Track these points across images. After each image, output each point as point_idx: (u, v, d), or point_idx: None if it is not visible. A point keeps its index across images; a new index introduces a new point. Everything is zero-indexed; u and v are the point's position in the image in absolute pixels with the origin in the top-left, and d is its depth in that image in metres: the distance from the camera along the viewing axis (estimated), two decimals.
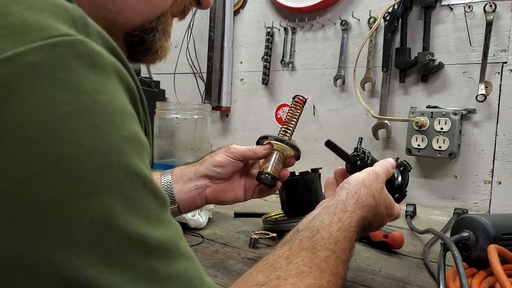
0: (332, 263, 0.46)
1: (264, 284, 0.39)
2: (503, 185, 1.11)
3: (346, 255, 0.49)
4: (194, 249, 0.73)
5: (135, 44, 0.44)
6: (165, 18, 0.46)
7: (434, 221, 1.01)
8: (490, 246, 0.57)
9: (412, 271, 0.67)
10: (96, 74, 0.28)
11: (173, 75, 1.73)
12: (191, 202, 0.71)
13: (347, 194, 0.56)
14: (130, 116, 0.30)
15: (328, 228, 0.51)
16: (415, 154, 1.17)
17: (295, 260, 0.44)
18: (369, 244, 0.78)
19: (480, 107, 1.13)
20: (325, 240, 0.49)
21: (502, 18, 1.09)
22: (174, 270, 0.29)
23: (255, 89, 1.54)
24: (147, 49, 0.46)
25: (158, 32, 0.45)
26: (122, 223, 0.27)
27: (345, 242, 0.50)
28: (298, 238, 0.49)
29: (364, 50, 1.26)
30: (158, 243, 0.29)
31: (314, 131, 1.40)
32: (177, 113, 1.22)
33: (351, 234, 0.52)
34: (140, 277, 0.27)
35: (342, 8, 1.34)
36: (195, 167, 0.71)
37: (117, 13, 0.41)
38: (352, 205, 0.55)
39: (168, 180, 0.70)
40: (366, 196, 0.57)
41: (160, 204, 0.30)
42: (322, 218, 0.52)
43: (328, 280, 0.44)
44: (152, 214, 0.29)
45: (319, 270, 0.44)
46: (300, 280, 0.41)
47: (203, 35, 1.65)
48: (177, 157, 1.22)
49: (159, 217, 0.30)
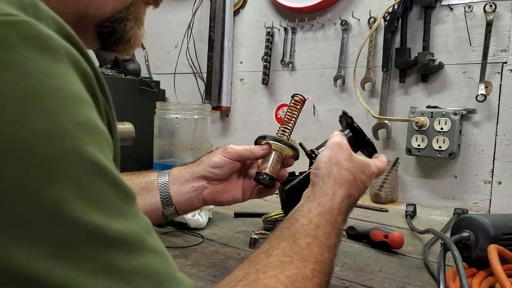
0: (315, 249, 0.44)
1: (242, 279, 0.38)
2: (503, 185, 1.11)
3: (331, 239, 0.47)
4: (193, 249, 0.74)
5: (107, 34, 0.44)
6: (136, 7, 0.45)
7: (434, 221, 1.01)
8: (490, 246, 0.57)
9: (412, 271, 0.67)
10: (46, 57, 0.26)
11: (173, 75, 1.73)
12: (188, 203, 0.70)
13: (322, 179, 0.55)
14: (86, 103, 0.28)
15: (307, 215, 0.49)
16: (415, 154, 1.17)
17: (275, 252, 0.43)
18: (369, 244, 0.78)
19: (480, 107, 1.13)
20: (305, 227, 0.47)
21: (502, 18, 1.09)
22: (139, 264, 0.28)
23: (255, 89, 1.54)
24: (119, 39, 0.45)
25: (129, 21, 0.45)
26: (76, 214, 0.25)
27: (328, 226, 0.48)
28: (278, 231, 0.48)
29: (364, 50, 1.26)
30: (119, 236, 0.27)
31: (314, 131, 1.40)
32: (177, 113, 1.22)
33: (334, 217, 0.50)
34: (98, 271, 0.26)
35: (342, 8, 1.34)
36: (192, 168, 0.71)
37: (86, 5, 0.40)
38: (331, 187, 0.54)
39: (165, 181, 0.70)
40: (341, 173, 0.55)
41: (123, 197, 0.29)
42: (302, 207, 0.51)
43: (312, 269, 0.42)
44: (113, 206, 0.28)
45: (301, 259, 0.42)
46: (280, 271, 0.40)
47: (203, 35, 1.65)
48: (177, 157, 1.22)
49: (122, 210, 0.28)
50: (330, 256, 0.46)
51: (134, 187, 0.70)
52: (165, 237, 0.79)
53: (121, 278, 0.27)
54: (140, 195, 0.69)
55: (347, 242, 0.80)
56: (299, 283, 0.40)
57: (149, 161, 1.28)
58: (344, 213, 0.52)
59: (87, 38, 0.43)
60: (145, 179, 0.71)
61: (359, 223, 0.90)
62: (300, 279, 0.40)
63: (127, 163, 1.61)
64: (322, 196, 0.52)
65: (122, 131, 1.15)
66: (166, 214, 0.70)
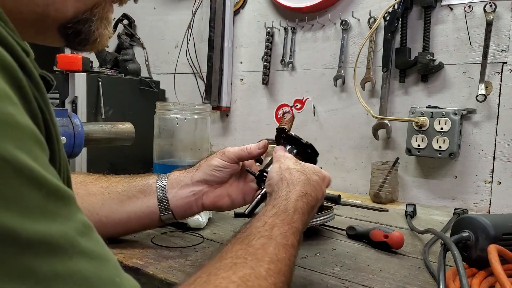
0: (270, 249, 0.44)
1: (193, 282, 0.38)
2: (503, 185, 1.11)
3: (288, 238, 0.47)
4: (193, 249, 0.74)
5: (71, 35, 0.42)
6: (100, 8, 0.44)
7: (434, 221, 1.01)
8: (490, 246, 0.57)
9: (412, 271, 0.67)
10: None
11: (173, 75, 1.73)
12: (186, 208, 0.70)
13: (276, 185, 0.56)
14: (3, 96, 0.26)
15: (262, 217, 0.49)
16: (415, 154, 1.17)
17: (228, 255, 0.43)
18: (369, 244, 0.78)
19: (480, 107, 1.12)
20: (260, 229, 0.47)
21: (502, 18, 1.09)
22: (63, 269, 0.26)
23: (255, 89, 1.54)
24: (85, 40, 0.44)
25: (93, 22, 0.43)
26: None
27: (284, 226, 0.48)
28: (233, 237, 0.47)
29: (364, 50, 1.26)
30: (37, 238, 0.25)
31: (314, 131, 1.40)
32: (177, 113, 1.22)
33: (289, 217, 0.50)
34: (10, 276, 0.24)
35: (342, 8, 1.34)
36: (192, 172, 0.70)
37: (45, 6, 0.39)
38: (284, 189, 0.54)
39: (163, 185, 0.70)
40: (292, 174, 0.56)
41: (49, 196, 0.27)
42: (258, 215, 0.51)
43: (267, 268, 0.41)
44: (31, 206, 0.25)
45: (255, 259, 0.42)
46: (233, 272, 0.39)
47: (203, 35, 1.65)
48: (177, 157, 1.22)
49: (45, 210, 0.26)
50: (288, 255, 0.45)
51: (132, 190, 0.70)
52: (165, 237, 0.79)
53: (37, 283, 0.24)
54: (138, 198, 0.69)
55: (347, 242, 0.80)
56: (252, 282, 0.39)
57: (149, 161, 1.28)
58: (301, 212, 0.52)
59: (51, 38, 0.42)
60: (143, 182, 0.70)
61: (359, 223, 0.90)
62: (253, 278, 0.39)
63: (127, 163, 1.62)
64: (276, 198, 0.53)
65: (122, 131, 1.15)
66: (163, 219, 0.70)
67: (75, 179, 0.71)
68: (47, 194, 0.27)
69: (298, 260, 0.69)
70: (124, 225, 0.70)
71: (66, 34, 0.42)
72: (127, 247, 0.72)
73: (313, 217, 0.62)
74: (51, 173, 0.28)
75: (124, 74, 1.55)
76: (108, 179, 0.72)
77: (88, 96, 1.35)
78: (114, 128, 1.14)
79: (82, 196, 0.68)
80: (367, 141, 1.31)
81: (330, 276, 0.64)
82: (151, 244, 0.75)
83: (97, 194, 0.69)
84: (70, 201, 0.29)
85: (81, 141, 1.02)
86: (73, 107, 1.33)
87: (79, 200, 0.72)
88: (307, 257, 0.71)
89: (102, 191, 0.69)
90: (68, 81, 1.34)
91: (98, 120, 1.36)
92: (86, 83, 1.34)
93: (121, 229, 0.71)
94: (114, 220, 0.69)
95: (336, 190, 1.28)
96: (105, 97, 1.37)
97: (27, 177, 0.26)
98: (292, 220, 0.50)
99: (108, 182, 0.71)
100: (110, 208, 0.69)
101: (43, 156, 0.29)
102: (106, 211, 0.68)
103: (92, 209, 0.68)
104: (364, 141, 1.32)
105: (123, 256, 0.68)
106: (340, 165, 1.36)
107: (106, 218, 0.68)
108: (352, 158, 1.34)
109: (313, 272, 0.65)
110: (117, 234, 0.73)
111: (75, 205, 0.30)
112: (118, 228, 0.71)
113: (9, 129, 0.26)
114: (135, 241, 0.76)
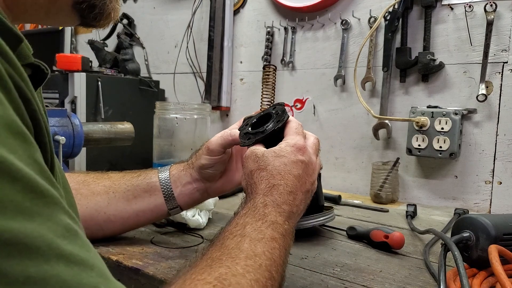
0: (245, 245, 0.43)
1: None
2: (504, 185, 1.11)
3: (264, 232, 0.46)
4: (193, 250, 0.73)
5: (86, 10, 0.43)
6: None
7: (434, 221, 1.01)
8: (490, 246, 0.57)
9: (412, 271, 0.67)
10: None
11: (173, 75, 1.72)
12: (195, 201, 0.72)
13: (245, 192, 0.56)
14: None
15: (234, 220, 0.49)
16: (415, 154, 1.17)
17: (203, 260, 0.42)
18: (370, 245, 0.78)
19: (481, 107, 1.12)
20: (232, 230, 0.46)
21: (503, 17, 1.09)
22: (38, 272, 0.24)
23: (255, 89, 1.54)
24: (99, 14, 0.44)
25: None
26: None
27: (257, 222, 0.47)
28: (208, 243, 0.47)
29: (364, 50, 1.26)
30: (9, 237, 0.23)
31: (314, 131, 1.39)
32: (177, 113, 1.22)
33: (260, 211, 0.49)
34: None
35: (343, 7, 1.34)
36: (189, 170, 0.71)
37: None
38: (250, 191, 0.54)
39: (166, 177, 0.70)
40: (252, 175, 0.55)
41: (25, 192, 0.25)
42: (230, 219, 0.51)
43: (244, 265, 0.40)
44: (4, 200, 0.24)
45: (230, 258, 0.41)
46: (208, 274, 0.38)
47: (203, 34, 1.64)
48: (177, 157, 1.22)
49: (21, 207, 0.24)
50: (267, 248, 0.44)
51: (137, 189, 0.70)
52: (165, 238, 0.79)
53: (8, 286, 0.23)
54: (143, 198, 0.70)
55: (348, 242, 0.80)
56: (229, 280, 0.37)
57: (148, 161, 1.28)
58: (274, 204, 0.50)
59: (65, 17, 0.42)
60: (146, 181, 0.71)
61: (359, 224, 0.90)
62: (230, 276, 0.38)
63: (126, 163, 1.62)
64: (245, 202, 0.53)
65: (122, 131, 1.15)
66: (171, 213, 0.72)
67: (76, 179, 0.71)
68: (24, 190, 0.25)
69: (298, 261, 0.69)
70: (133, 222, 0.71)
71: (81, 9, 0.42)
72: (127, 248, 0.71)
73: (308, 198, 0.58)
74: (35, 168, 0.26)
75: (123, 74, 1.55)
76: (109, 177, 0.72)
77: (88, 96, 1.35)
78: (113, 128, 1.13)
79: (87, 196, 0.69)
80: (367, 141, 1.31)
81: (331, 276, 0.63)
82: (151, 245, 0.74)
83: (101, 193, 0.70)
84: (53, 200, 0.27)
85: (80, 141, 1.02)
86: (73, 107, 1.33)
87: (83, 199, 0.72)
88: (307, 258, 0.71)
89: (106, 190, 0.70)
90: (68, 81, 1.33)
91: (97, 120, 1.36)
92: (85, 83, 1.34)
93: (130, 225, 0.73)
94: (122, 218, 0.70)
95: (337, 190, 1.28)
96: (105, 97, 1.37)
97: (4, 172, 0.24)
98: (264, 214, 0.48)
99: (110, 180, 0.72)
100: (117, 207, 0.70)
101: (25, 148, 0.27)
102: (113, 210, 0.69)
103: (99, 208, 0.69)
104: (364, 141, 1.31)
105: (123, 256, 0.68)
106: (340, 165, 1.36)
107: (115, 216, 0.69)
108: (353, 158, 1.34)
109: (313, 272, 0.65)
110: (125, 230, 0.74)
111: (60, 206, 0.27)
112: (127, 225, 0.72)
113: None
114: (135, 241, 0.76)
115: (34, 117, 0.30)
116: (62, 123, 0.99)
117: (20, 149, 0.26)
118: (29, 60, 0.36)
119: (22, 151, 0.26)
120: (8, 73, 0.28)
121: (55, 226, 0.26)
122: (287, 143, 0.57)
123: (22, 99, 0.29)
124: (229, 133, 0.67)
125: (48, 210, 0.26)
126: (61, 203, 0.28)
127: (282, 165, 0.55)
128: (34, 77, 0.37)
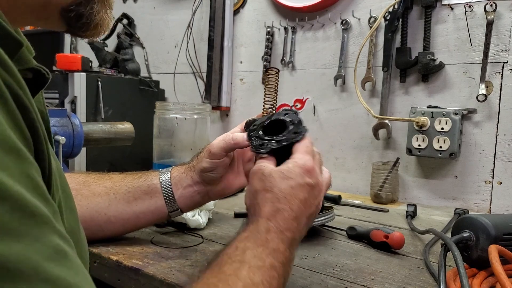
0: (243, 273, 0.42)
1: None
2: (504, 185, 1.11)
3: (265, 260, 0.44)
4: (193, 250, 0.73)
5: (73, 19, 0.42)
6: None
7: (434, 221, 1.00)
8: (490, 247, 0.57)
9: (412, 271, 0.67)
10: None
11: (173, 75, 1.72)
12: (195, 204, 0.72)
13: (248, 213, 0.54)
14: None
15: (233, 243, 0.47)
16: (415, 154, 1.17)
17: (199, 285, 0.40)
18: (370, 245, 0.78)
19: (481, 107, 1.12)
20: (231, 254, 0.45)
21: (503, 17, 1.09)
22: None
23: (255, 89, 1.54)
24: (86, 24, 0.43)
25: (95, 4, 0.42)
26: None
27: (258, 248, 0.45)
28: (204, 264, 0.46)
29: (364, 50, 1.26)
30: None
31: (314, 131, 1.40)
32: (177, 113, 1.22)
33: (262, 237, 0.47)
34: None
35: (343, 7, 1.34)
36: (190, 172, 0.70)
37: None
38: (253, 213, 0.52)
39: (167, 179, 0.70)
40: (256, 197, 0.52)
41: (13, 211, 0.24)
42: (229, 240, 0.49)
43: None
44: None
45: (227, 286, 0.40)
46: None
47: (203, 34, 1.64)
48: (177, 157, 1.22)
49: (8, 227, 0.23)
50: (266, 277, 0.43)
51: (137, 191, 0.70)
52: (165, 238, 0.79)
53: None
54: (144, 200, 0.70)
55: (348, 242, 0.80)
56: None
57: (148, 161, 1.28)
58: (277, 231, 0.49)
59: (53, 23, 0.42)
60: (147, 183, 0.71)
61: (359, 223, 0.90)
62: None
63: (126, 163, 1.62)
64: (248, 224, 0.51)
65: (122, 131, 1.15)
66: (171, 216, 0.72)
67: (77, 179, 0.71)
68: (12, 210, 0.24)
69: (298, 261, 0.69)
70: (133, 223, 0.71)
71: (68, 17, 0.42)
72: (127, 248, 0.72)
73: (312, 221, 0.56)
74: (28, 185, 0.25)
75: (123, 74, 1.55)
76: (110, 178, 0.72)
77: (88, 96, 1.35)
78: (113, 128, 1.14)
79: (87, 197, 0.69)
80: (367, 141, 1.30)
81: (331, 276, 0.63)
82: (151, 245, 0.74)
83: (102, 195, 0.70)
84: (42, 219, 0.26)
85: (80, 141, 1.02)
86: (73, 107, 1.33)
87: (84, 200, 0.72)
88: (307, 258, 0.71)
89: (107, 191, 0.70)
90: (68, 81, 1.33)
91: (97, 120, 1.36)
92: (85, 83, 1.34)
93: (130, 227, 0.73)
94: (123, 219, 0.70)
95: (337, 190, 1.28)
96: (105, 97, 1.37)
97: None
98: (267, 240, 0.47)
99: (111, 181, 0.72)
100: (118, 209, 0.70)
101: (18, 164, 0.26)
102: (113, 211, 0.69)
103: (99, 209, 0.69)
104: (364, 141, 1.31)
105: (123, 256, 0.68)
106: (340, 165, 1.36)
107: (115, 217, 0.70)
108: (353, 158, 1.34)
109: (313, 272, 0.65)
110: (126, 231, 0.74)
111: (50, 225, 0.26)
112: (127, 226, 0.72)
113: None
114: (135, 241, 0.76)
115: (32, 125, 0.30)
116: (62, 123, 0.99)
117: (12, 165, 0.25)
118: (29, 65, 0.35)
119: (14, 168, 0.25)
120: (5, 81, 0.27)
121: (43, 247, 0.25)
122: (296, 163, 0.54)
123: (19, 107, 0.28)
124: (231, 137, 0.65)
125: (37, 231, 0.25)
126: (52, 222, 0.27)
127: (288, 188, 0.52)
128: (35, 81, 0.36)
